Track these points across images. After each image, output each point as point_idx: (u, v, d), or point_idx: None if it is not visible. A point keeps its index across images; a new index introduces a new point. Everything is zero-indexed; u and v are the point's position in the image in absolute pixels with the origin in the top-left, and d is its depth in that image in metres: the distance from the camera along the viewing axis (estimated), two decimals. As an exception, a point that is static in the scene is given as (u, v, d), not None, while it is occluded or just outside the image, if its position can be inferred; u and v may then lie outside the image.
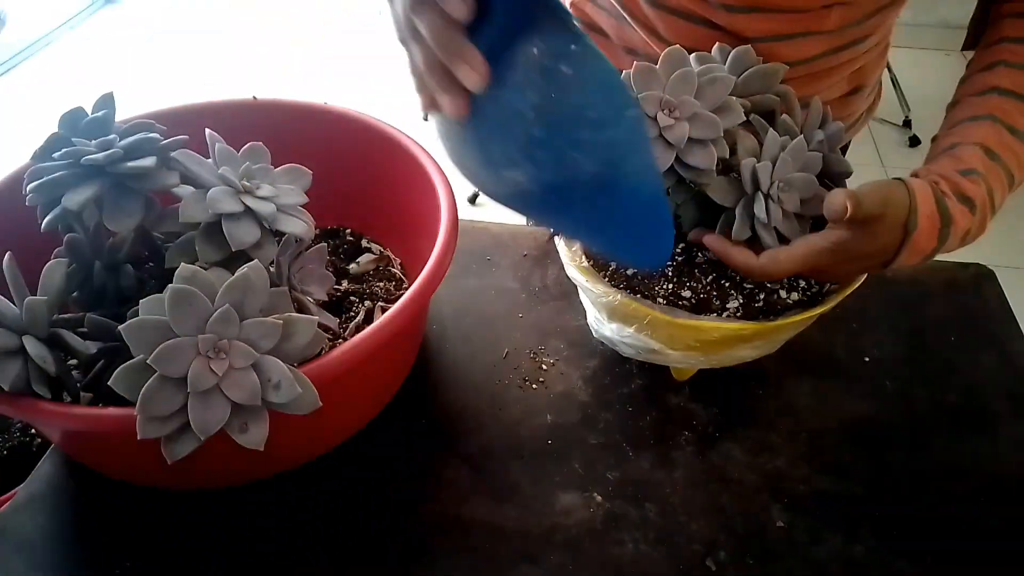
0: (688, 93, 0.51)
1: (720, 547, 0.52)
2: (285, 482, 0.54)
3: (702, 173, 0.52)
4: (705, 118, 0.51)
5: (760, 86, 0.56)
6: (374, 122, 0.67)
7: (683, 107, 0.51)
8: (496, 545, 0.52)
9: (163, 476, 0.52)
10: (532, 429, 0.60)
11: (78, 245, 0.51)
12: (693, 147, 0.51)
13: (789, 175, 0.52)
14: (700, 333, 0.52)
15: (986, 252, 0.70)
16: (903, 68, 2.77)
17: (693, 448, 0.58)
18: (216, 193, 0.47)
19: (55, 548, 0.53)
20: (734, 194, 0.52)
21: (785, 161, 0.52)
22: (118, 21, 3.31)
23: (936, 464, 0.57)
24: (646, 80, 0.52)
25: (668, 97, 0.51)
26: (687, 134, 0.51)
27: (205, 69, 2.93)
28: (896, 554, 0.51)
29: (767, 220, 0.51)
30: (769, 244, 0.52)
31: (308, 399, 0.43)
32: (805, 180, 0.53)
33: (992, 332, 0.67)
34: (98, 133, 0.48)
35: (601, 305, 0.56)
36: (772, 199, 0.51)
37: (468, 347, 0.66)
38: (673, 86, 0.51)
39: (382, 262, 0.70)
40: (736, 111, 0.53)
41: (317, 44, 3.06)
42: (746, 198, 0.52)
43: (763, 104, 0.56)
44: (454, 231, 0.56)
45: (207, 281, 0.43)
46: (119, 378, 0.41)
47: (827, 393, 0.62)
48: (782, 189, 0.52)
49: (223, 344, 0.41)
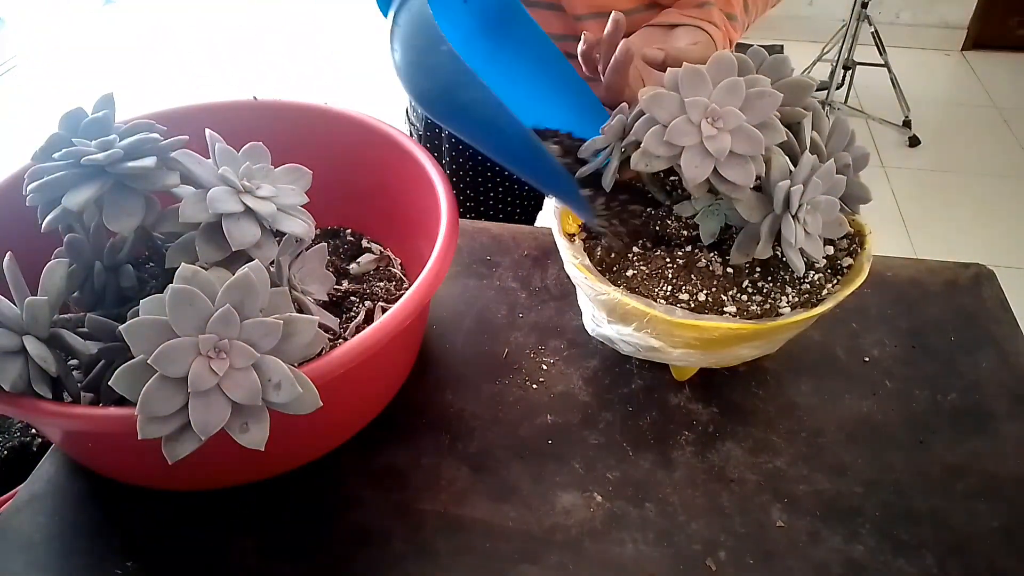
0: (735, 104, 0.50)
1: (720, 547, 0.52)
2: (285, 482, 0.55)
3: (737, 188, 0.50)
4: (749, 133, 0.50)
5: (790, 98, 0.55)
6: (374, 122, 0.67)
7: (728, 118, 0.50)
8: (496, 545, 0.52)
9: (163, 476, 0.53)
10: (532, 429, 0.60)
11: (78, 245, 0.51)
12: (733, 161, 0.50)
13: (816, 197, 0.51)
14: (700, 332, 0.52)
15: (986, 252, 0.70)
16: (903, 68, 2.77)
17: (693, 448, 0.58)
18: (216, 193, 0.47)
19: (55, 548, 0.53)
20: (761, 211, 0.52)
21: (815, 184, 0.51)
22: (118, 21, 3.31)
23: (936, 464, 0.57)
24: (694, 85, 0.51)
25: (714, 106, 0.50)
26: (728, 147, 0.49)
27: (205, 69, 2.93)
28: (896, 554, 0.51)
29: (794, 242, 0.50)
30: (796, 264, 0.51)
31: (309, 399, 0.43)
32: (829, 203, 0.52)
33: (992, 332, 0.67)
34: (98, 133, 0.48)
35: (601, 303, 0.56)
36: (799, 220, 0.51)
37: (468, 347, 0.66)
38: (720, 95, 0.50)
39: (382, 262, 0.70)
40: (778, 131, 0.51)
41: (317, 44, 3.06)
42: (772, 217, 0.51)
43: (791, 116, 0.55)
44: (454, 231, 0.56)
45: (207, 281, 0.43)
46: (119, 378, 0.41)
47: (827, 393, 0.62)
48: (808, 211, 0.51)
49: (224, 344, 0.41)
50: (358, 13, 3.24)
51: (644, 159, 0.52)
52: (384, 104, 2.35)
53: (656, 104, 0.51)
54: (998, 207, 2.13)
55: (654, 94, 0.51)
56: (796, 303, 0.54)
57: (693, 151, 0.50)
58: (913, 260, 0.75)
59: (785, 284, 0.56)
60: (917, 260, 0.75)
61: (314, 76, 2.80)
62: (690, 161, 0.50)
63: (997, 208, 2.12)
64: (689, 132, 0.50)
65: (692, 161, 0.50)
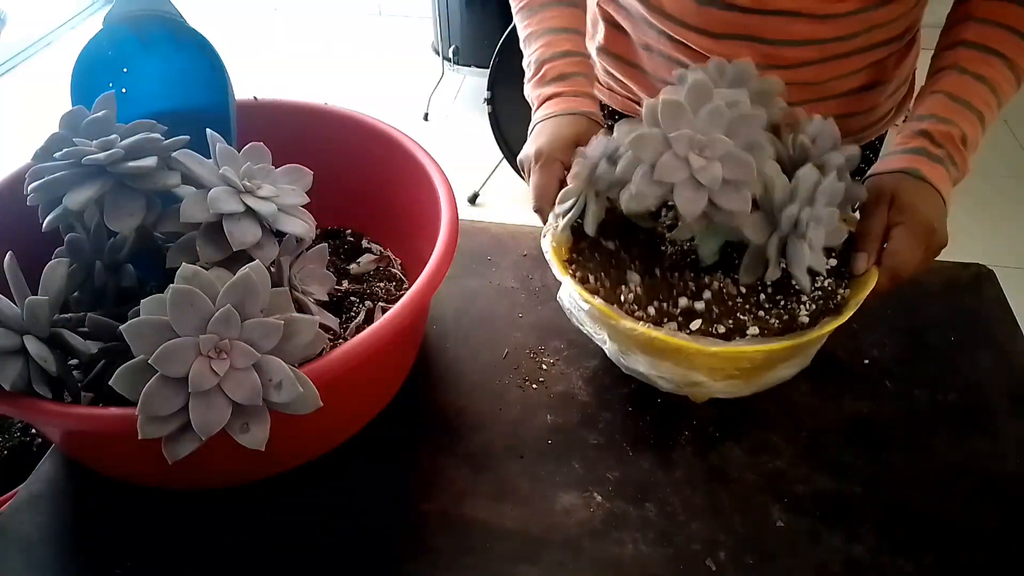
0: (719, 130, 0.49)
1: (720, 547, 0.52)
2: (286, 482, 0.55)
3: (734, 216, 0.49)
4: (739, 158, 0.49)
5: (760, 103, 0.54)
6: (374, 122, 0.67)
7: (715, 146, 0.49)
8: (496, 545, 0.52)
9: (163, 476, 0.53)
10: (532, 429, 0.60)
11: (79, 245, 0.51)
12: (727, 189, 0.49)
13: (818, 211, 0.50)
14: (739, 359, 0.51)
15: (986, 252, 0.70)
16: (903, 68, 2.76)
17: (693, 448, 0.58)
18: (217, 193, 0.47)
19: (55, 548, 0.53)
20: (766, 230, 0.51)
21: (817, 200, 0.50)
22: (118, 21, 3.31)
23: (936, 464, 0.57)
24: (675, 116, 0.49)
25: (700, 136, 0.49)
26: (720, 175, 0.48)
27: (205, 69, 2.93)
28: (896, 554, 0.51)
29: (802, 262, 0.50)
30: (804, 284, 0.51)
31: (309, 399, 0.43)
32: (831, 215, 0.51)
33: (992, 332, 0.67)
34: (99, 133, 0.48)
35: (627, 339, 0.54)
36: (804, 238, 0.50)
37: (468, 347, 0.66)
38: (703, 123, 0.49)
39: (382, 262, 0.70)
40: (767, 149, 0.50)
41: (317, 44, 3.06)
42: (779, 239, 0.50)
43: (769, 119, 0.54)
44: (454, 231, 0.56)
45: (208, 281, 0.43)
46: (120, 378, 0.41)
47: (827, 393, 0.62)
48: (813, 228, 0.50)
49: (224, 344, 0.41)
50: (358, 13, 3.24)
51: (635, 200, 0.50)
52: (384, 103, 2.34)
53: (640, 144, 0.50)
54: (998, 207, 2.12)
55: (637, 135, 0.50)
56: (815, 311, 0.53)
57: (685, 185, 0.49)
58: (913, 260, 0.75)
59: (800, 293, 0.54)
60: (917, 260, 0.75)
61: (314, 76, 2.80)
62: (684, 196, 0.49)
63: (997, 208, 2.12)
64: (678, 167, 0.49)
65: (686, 196, 0.49)
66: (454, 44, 2.33)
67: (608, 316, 0.53)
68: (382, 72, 2.78)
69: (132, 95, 0.58)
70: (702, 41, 0.69)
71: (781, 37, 0.66)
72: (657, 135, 0.50)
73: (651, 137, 0.50)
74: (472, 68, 2.35)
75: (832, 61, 0.69)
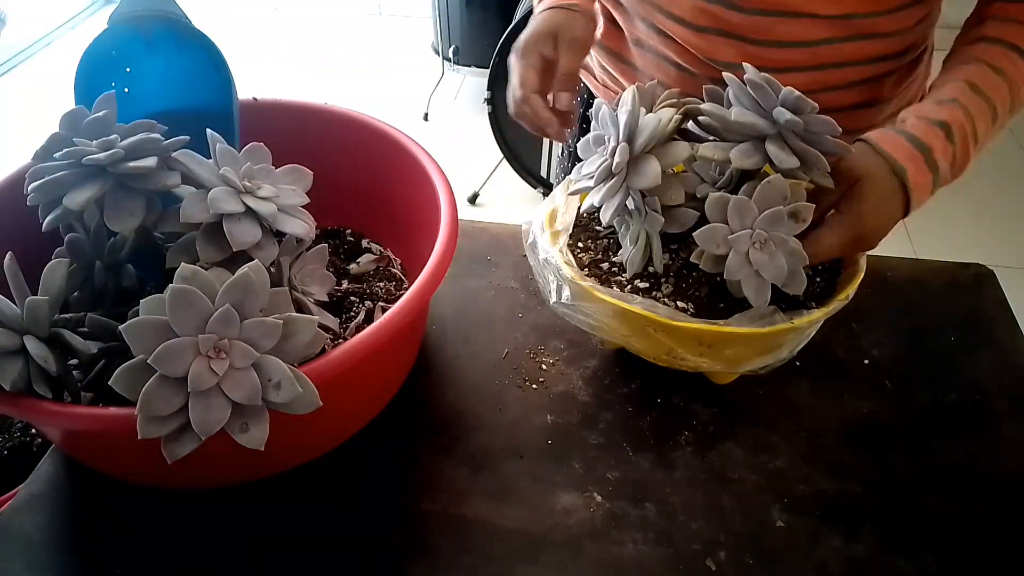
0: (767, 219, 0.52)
1: (720, 547, 0.52)
2: (285, 482, 0.55)
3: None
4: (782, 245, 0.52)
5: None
6: (374, 122, 0.67)
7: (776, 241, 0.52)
8: (495, 545, 0.52)
9: (163, 476, 0.53)
10: (532, 429, 0.60)
11: (79, 245, 0.51)
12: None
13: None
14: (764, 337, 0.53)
15: (986, 252, 0.70)
16: (903, 68, 2.76)
17: (693, 448, 0.58)
18: (217, 193, 0.47)
19: (55, 548, 0.53)
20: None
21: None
22: (118, 21, 3.31)
23: (936, 464, 0.57)
24: (742, 214, 0.52)
25: (760, 231, 0.52)
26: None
27: (205, 69, 2.93)
28: (896, 554, 0.51)
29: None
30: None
31: (308, 399, 0.43)
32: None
33: (992, 332, 0.67)
34: (99, 133, 0.48)
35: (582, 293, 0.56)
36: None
37: (468, 347, 0.66)
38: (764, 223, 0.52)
39: (382, 262, 0.70)
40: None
41: (317, 44, 3.06)
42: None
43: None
44: (454, 231, 0.56)
45: (207, 281, 0.43)
46: (119, 378, 0.41)
47: (827, 393, 0.62)
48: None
49: (223, 344, 0.41)
50: (358, 13, 3.24)
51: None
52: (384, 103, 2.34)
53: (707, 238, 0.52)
54: (998, 207, 2.12)
55: (706, 230, 0.52)
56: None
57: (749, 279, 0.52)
58: (913, 260, 0.75)
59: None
60: (917, 260, 0.75)
61: (314, 76, 2.80)
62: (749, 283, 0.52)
63: (997, 208, 2.12)
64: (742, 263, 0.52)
65: (750, 283, 0.52)
66: (454, 44, 2.33)
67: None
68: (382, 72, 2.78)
69: (136, 95, 0.58)
70: (686, 34, 0.69)
71: (764, 37, 0.66)
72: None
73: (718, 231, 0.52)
74: (472, 68, 2.35)
75: (824, 70, 0.68)
